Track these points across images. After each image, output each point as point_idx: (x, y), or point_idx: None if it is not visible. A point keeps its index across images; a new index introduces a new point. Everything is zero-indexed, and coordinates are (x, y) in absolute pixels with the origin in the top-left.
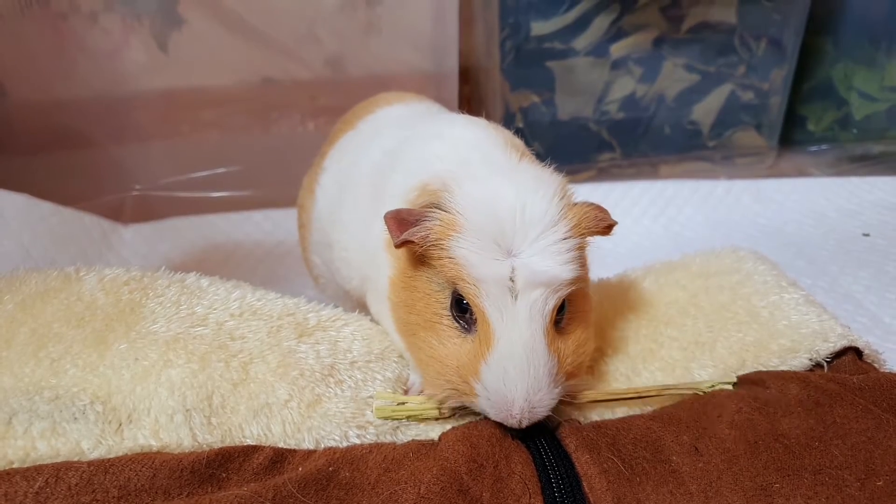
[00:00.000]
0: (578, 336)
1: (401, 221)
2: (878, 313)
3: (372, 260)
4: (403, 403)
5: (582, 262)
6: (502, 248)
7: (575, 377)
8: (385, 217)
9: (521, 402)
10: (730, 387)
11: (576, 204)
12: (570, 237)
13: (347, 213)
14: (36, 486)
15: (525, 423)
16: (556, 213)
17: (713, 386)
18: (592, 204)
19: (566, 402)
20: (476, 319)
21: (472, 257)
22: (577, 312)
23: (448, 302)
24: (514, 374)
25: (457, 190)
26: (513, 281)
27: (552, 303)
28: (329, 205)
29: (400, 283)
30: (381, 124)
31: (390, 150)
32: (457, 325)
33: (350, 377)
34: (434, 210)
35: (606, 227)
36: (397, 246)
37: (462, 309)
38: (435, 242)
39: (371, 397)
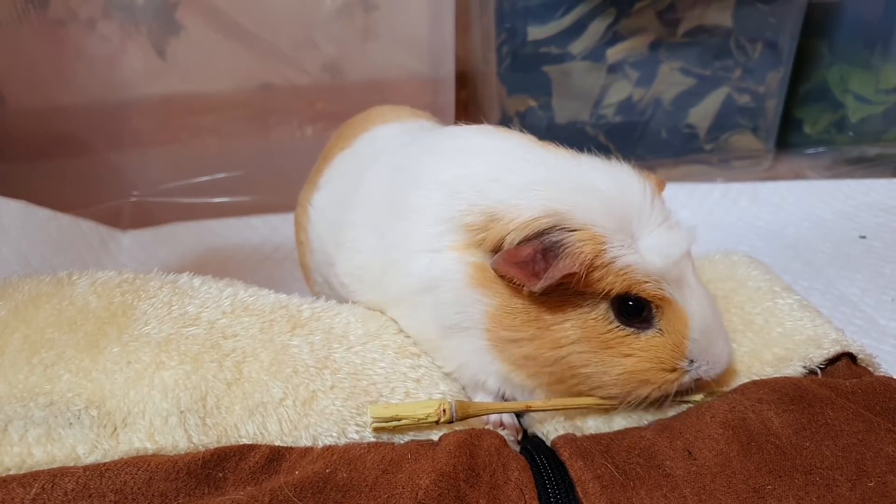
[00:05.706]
0: None
1: (522, 265)
2: (873, 315)
3: (429, 289)
4: (398, 417)
5: None
6: (629, 236)
7: None
8: (499, 269)
9: (728, 345)
10: (700, 397)
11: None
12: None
13: (357, 233)
14: (32, 493)
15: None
16: (649, 188)
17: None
18: None
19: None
20: (657, 312)
21: (636, 258)
22: None
23: (609, 315)
24: (715, 328)
25: (559, 204)
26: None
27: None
28: (329, 225)
29: (518, 319)
30: (381, 143)
31: (402, 167)
32: (631, 330)
33: (348, 364)
34: (558, 232)
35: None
36: (551, 286)
37: (637, 310)
38: (590, 263)
39: (370, 389)
